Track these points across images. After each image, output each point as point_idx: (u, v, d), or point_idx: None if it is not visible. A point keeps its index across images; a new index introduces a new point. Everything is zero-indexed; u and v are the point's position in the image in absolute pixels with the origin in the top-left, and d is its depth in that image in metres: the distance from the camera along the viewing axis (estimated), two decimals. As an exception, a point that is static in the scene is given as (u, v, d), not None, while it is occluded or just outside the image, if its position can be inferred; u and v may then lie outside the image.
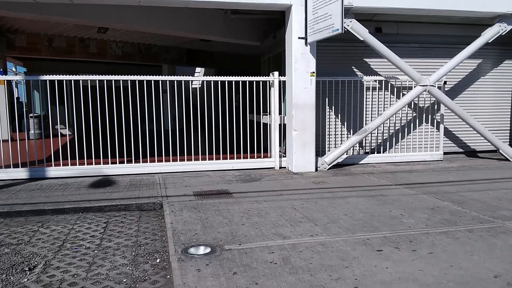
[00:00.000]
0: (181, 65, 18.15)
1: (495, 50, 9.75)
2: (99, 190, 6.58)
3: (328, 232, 4.48)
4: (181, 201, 5.84)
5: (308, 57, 7.79)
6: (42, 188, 6.76)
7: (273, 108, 8.37)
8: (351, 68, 9.12)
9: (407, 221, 4.83)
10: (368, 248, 3.98)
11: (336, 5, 6.68)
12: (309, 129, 7.99)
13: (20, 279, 3.57)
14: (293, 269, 3.52)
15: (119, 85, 7.73)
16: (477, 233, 4.39)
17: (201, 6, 7.72)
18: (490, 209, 5.31)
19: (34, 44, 14.02)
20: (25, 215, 5.45)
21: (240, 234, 4.43)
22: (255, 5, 7.83)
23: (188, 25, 10.38)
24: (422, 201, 5.75)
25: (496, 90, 10.01)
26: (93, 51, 15.11)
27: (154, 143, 8.03)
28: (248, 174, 7.88)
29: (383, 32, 8.99)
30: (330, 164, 8.24)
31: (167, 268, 3.75)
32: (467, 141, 9.94)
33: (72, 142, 8.36)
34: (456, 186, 6.72)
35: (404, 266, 3.56)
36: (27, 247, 4.34)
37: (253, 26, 11.09)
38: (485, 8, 8.32)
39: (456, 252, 3.86)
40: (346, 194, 6.19)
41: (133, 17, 9.48)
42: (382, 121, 8.50)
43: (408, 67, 8.34)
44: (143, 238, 4.61)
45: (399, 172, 7.97)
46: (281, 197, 6.07)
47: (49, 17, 9.07)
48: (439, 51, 9.39)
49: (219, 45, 14.43)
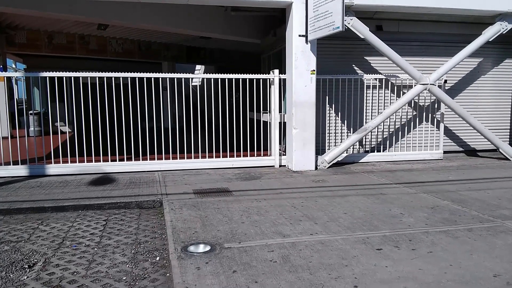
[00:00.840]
0: (181, 62, 18.13)
1: (495, 49, 9.74)
2: (99, 188, 6.57)
3: (328, 230, 4.48)
4: (181, 199, 5.84)
5: (309, 55, 7.77)
6: (42, 185, 6.76)
7: (273, 106, 8.36)
8: (351, 66, 9.11)
9: (407, 220, 4.83)
10: (367, 247, 3.98)
11: (336, 3, 6.67)
12: (309, 128, 7.98)
13: (19, 277, 3.57)
14: (292, 267, 3.52)
15: (119, 82, 7.72)
16: (477, 232, 4.39)
17: (202, 3, 7.71)
18: (490, 208, 5.31)
19: (34, 41, 13.99)
20: (24, 213, 5.45)
21: (240, 232, 4.43)
22: (255, 2, 7.81)
23: (188, 22, 10.35)
24: (422, 200, 5.75)
25: (496, 89, 10.00)
26: (93, 48, 15.08)
27: (154, 140, 8.03)
28: (248, 172, 7.88)
29: (383, 30, 8.97)
30: (330, 162, 8.23)
31: (167, 266, 3.75)
32: (467, 140, 9.94)
33: (72, 140, 8.35)
34: (456, 185, 6.72)
35: (403, 265, 3.56)
36: (26, 245, 4.34)
37: (253, 24, 11.07)
38: (486, 7, 8.30)
39: (455, 251, 3.87)
40: (346, 193, 6.19)
41: (133, 14, 9.45)
42: (382, 119, 8.49)
43: (409, 65, 8.32)
44: (142, 236, 4.61)
45: (399, 171, 7.97)
46: (281, 195, 6.07)
47: (49, 14, 9.04)
48: (440, 50, 9.38)
49: (219, 42, 14.40)
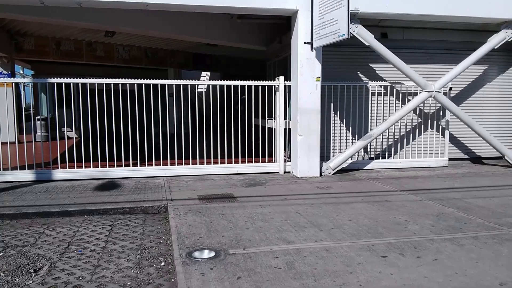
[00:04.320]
0: (187, 69, 18.23)
1: (501, 57, 9.73)
2: (104, 193, 6.61)
3: (333, 237, 4.48)
4: (185, 205, 5.86)
5: (314, 62, 7.81)
6: (48, 190, 6.81)
7: (278, 113, 8.38)
8: (356, 73, 9.13)
9: (412, 227, 4.82)
10: (372, 254, 3.97)
11: (342, 11, 6.71)
12: (314, 134, 7.99)
13: (25, 281, 3.60)
14: (297, 274, 3.52)
15: (125, 88, 7.79)
16: (482, 240, 4.37)
17: (208, 10, 7.77)
18: (495, 216, 5.28)
19: (42, 47, 14.13)
20: (31, 217, 5.49)
21: (245, 238, 4.44)
22: (261, 10, 7.87)
23: (195, 29, 10.44)
24: (427, 208, 5.73)
25: (502, 97, 9.97)
26: (100, 55, 15.21)
27: (159, 146, 8.07)
28: (252, 178, 7.89)
29: (388, 37, 9.00)
30: (334, 169, 8.23)
31: (172, 272, 3.77)
32: (472, 147, 9.90)
33: (79, 145, 8.42)
34: (461, 192, 6.69)
35: (409, 273, 3.55)
36: (32, 249, 4.37)
37: (259, 31, 11.14)
38: (491, 15, 8.31)
39: (461, 259, 3.85)
40: (351, 200, 6.18)
41: (140, 21, 9.55)
42: (387, 126, 8.49)
43: (414, 72, 8.33)
44: (147, 241, 4.64)
45: (404, 178, 7.95)
46: (286, 201, 6.07)
47: (57, 21, 9.15)
48: (445, 57, 9.38)
49: (225, 49, 14.48)
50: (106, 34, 12.87)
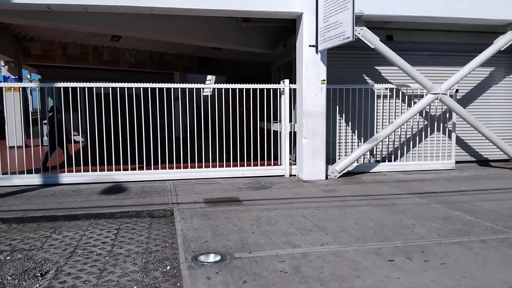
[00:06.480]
0: (193, 73, 18.29)
1: (507, 58, 9.65)
2: (110, 197, 6.64)
3: (339, 241, 4.45)
4: (191, 208, 5.86)
5: (319, 65, 7.80)
6: (55, 194, 6.84)
7: (283, 116, 8.38)
8: (361, 76, 9.11)
9: (419, 231, 4.78)
10: (379, 258, 3.95)
11: (347, 13, 6.70)
12: (320, 137, 7.97)
13: (32, 285, 3.61)
14: (303, 278, 3.51)
15: (131, 92, 7.82)
16: (490, 244, 4.33)
17: (213, 14, 7.80)
18: (503, 219, 5.23)
19: (48, 52, 14.25)
20: (37, 221, 5.52)
21: (250, 242, 4.43)
22: (266, 13, 7.88)
23: (200, 33, 10.48)
24: (434, 211, 5.69)
25: (508, 98, 9.88)
26: (106, 59, 15.31)
27: (165, 150, 8.09)
28: (258, 181, 7.88)
29: (394, 40, 8.97)
30: (340, 172, 8.20)
31: (177, 276, 3.77)
32: (479, 150, 9.82)
33: (85, 149, 8.46)
34: (468, 195, 6.64)
35: (416, 277, 3.52)
36: (39, 253, 4.39)
37: (264, 34, 11.15)
38: (497, 16, 8.26)
39: (469, 263, 3.81)
40: (357, 203, 6.15)
41: (146, 26, 9.60)
42: (393, 129, 8.45)
43: (420, 75, 8.29)
44: (153, 245, 4.64)
45: (411, 181, 7.90)
46: (291, 205, 6.06)
47: (63, 25, 9.23)
48: (451, 59, 9.33)
49: (230, 53, 14.51)
50: (112, 39, 12.95)
